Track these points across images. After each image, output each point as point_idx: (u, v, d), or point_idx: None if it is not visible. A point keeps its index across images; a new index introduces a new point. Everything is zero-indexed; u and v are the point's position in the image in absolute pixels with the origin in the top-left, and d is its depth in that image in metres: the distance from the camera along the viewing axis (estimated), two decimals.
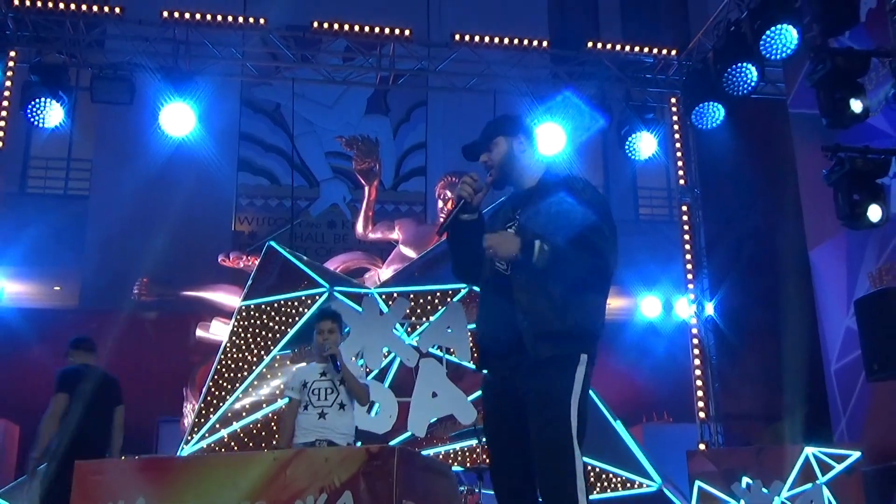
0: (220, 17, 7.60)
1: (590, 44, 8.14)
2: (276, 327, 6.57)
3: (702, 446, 7.54)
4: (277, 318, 6.60)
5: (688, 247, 8.32)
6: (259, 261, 7.04)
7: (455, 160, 8.82)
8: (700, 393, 7.86)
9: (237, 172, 10.04)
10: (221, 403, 6.30)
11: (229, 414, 6.27)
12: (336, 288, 6.67)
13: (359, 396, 3.74)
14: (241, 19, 7.73)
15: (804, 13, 6.32)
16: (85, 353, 4.86)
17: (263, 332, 6.56)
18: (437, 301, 6.73)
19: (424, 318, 6.63)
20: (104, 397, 4.67)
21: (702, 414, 7.81)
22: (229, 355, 6.48)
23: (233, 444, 6.18)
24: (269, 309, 6.64)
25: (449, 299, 6.72)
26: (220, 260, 8.62)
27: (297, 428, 3.65)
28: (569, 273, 2.40)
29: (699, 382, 7.90)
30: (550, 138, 7.62)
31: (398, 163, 10.45)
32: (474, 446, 5.84)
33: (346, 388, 3.71)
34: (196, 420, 6.31)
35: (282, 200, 10.00)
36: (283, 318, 6.59)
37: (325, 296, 6.59)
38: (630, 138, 7.90)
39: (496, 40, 7.98)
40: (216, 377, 6.41)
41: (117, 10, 7.48)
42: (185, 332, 8.23)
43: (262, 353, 6.47)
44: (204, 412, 6.30)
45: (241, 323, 6.60)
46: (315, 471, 2.80)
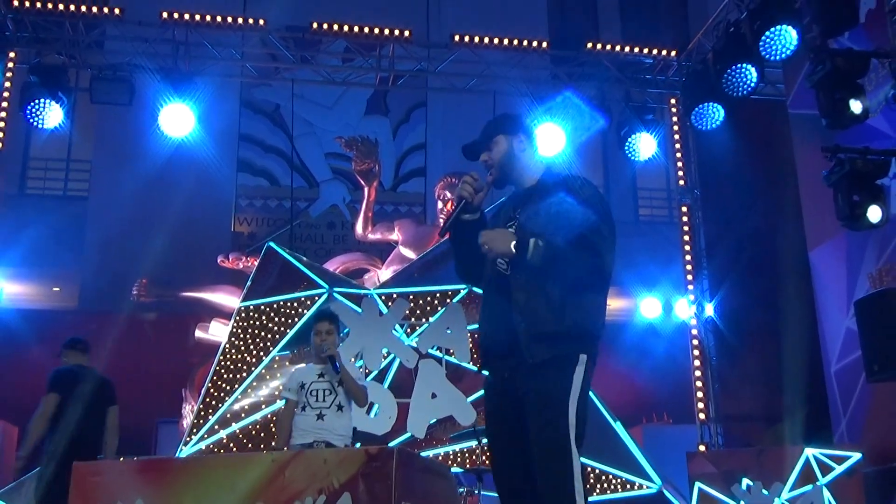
0: (219, 18, 7.60)
1: (589, 44, 8.14)
2: (276, 328, 6.57)
3: (702, 448, 7.53)
4: (277, 319, 6.60)
5: (688, 248, 8.31)
6: (258, 262, 7.04)
7: (455, 161, 8.85)
8: (700, 394, 7.86)
9: (237, 173, 10.03)
10: (220, 405, 6.29)
11: (228, 415, 6.26)
12: (335, 289, 6.66)
13: (357, 398, 3.74)
14: (240, 20, 7.73)
15: (804, 14, 6.33)
16: (78, 353, 4.89)
17: (263, 333, 6.55)
18: (436, 302, 6.73)
19: (424, 319, 6.63)
20: (97, 398, 4.68)
21: (702, 415, 7.80)
22: (228, 356, 6.47)
23: (231, 446, 6.17)
24: (268, 310, 6.64)
25: (448, 300, 6.71)
26: (219, 261, 8.61)
27: (295, 429, 3.64)
28: (567, 273, 2.40)
29: (699, 383, 7.89)
30: (550, 139, 7.62)
31: (398, 164, 10.44)
32: (474, 447, 5.83)
33: (345, 389, 3.71)
34: (195, 421, 6.30)
35: (281, 201, 9.99)
36: (283, 319, 6.59)
37: (325, 297, 6.58)
38: (630, 139, 7.89)
39: (496, 41, 7.98)
40: (215, 378, 6.40)
41: (117, 10, 7.48)
42: (185, 333, 8.21)
43: (262, 354, 6.47)
44: (203, 413, 6.28)
45: (241, 324, 6.59)
46: (313, 472, 2.79)
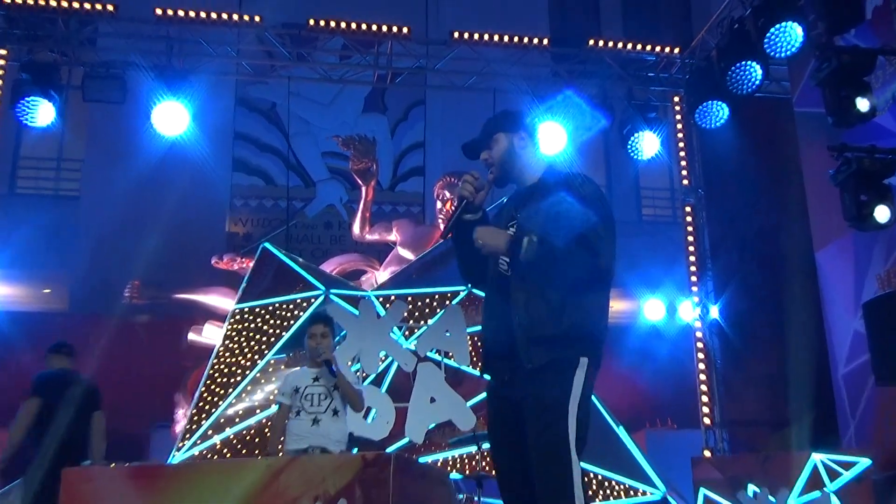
0: (214, 15, 7.59)
1: (591, 42, 8.13)
2: (271, 331, 6.55)
3: (706, 453, 7.53)
4: (272, 322, 6.58)
5: (692, 248, 8.31)
6: (253, 263, 7.02)
7: (454, 160, 8.84)
8: (704, 398, 7.85)
9: (231, 172, 10.03)
10: (214, 409, 6.27)
11: (222, 420, 6.24)
12: (332, 290, 6.65)
13: (353, 402, 3.72)
14: (235, 17, 7.72)
15: (809, 10, 6.32)
16: (63, 357, 4.95)
17: (257, 336, 6.54)
18: (435, 304, 6.71)
19: (422, 322, 6.62)
20: (81, 402, 4.71)
21: (706, 420, 7.80)
22: (222, 360, 6.45)
23: (225, 451, 6.15)
24: (263, 312, 6.62)
25: (448, 302, 6.70)
26: (213, 262, 8.60)
27: (289, 435, 3.62)
28: (566, 273, 2.39)
29: (704, 387, 7.89)
30: (552, 137, 7.61)
31: (396, 163, 10.44)
32: (473, 453, 5.81)
33: (341, 393, 3.69)
34: (188, 426, 6.27)
35: (277, 201, 9.98)
36: (278, 322, 6.57)
37: (321, 299, 6.57)
38: (632, 138, 7.89)
39: (496, 38, 7.97)
40: (209, 382, 6.38)
41: (110, 7, 7.46)
42: (178, 336, 8.19)
43: (256, 357, 6.45)
44: (196, 418, 6.26)
45: (235, 326, 6.58)
46: (309, 478, 2.79)
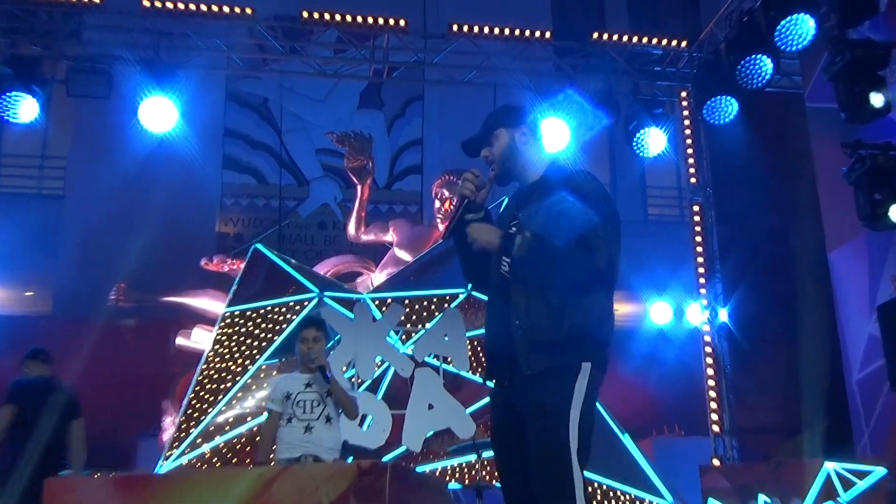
0: (203, 7, 7.59)
1: (595, 35, 8.14)
2: (263, 335, 6.55)
3: (715, 461, 7.53)
4: (264, 326, 6.58)
5: (700, 249, 8.31)
6: (244, 264, 7.02)
7: (453, 157, 8.82)
8: (713, 404, 7.85)
9: (222, 171, 10.02)
10: (203, 416, 6.26)
11: (212, 428, 6.23)
12: (326, 293, 6.65)
13: (347, 409, 3.71)
14: (226, 9, 7.72)
15: (821, 2, 6.34)
16: (40, 364, 5.02)
17: (249, 341, 6.53)
18: (433, 307, 6.72)
19: (420, 326, 6.62)
20: (59, 410, 4.74)
21: (715, 427, 7.80)
22: (212, 365, 6.45)
23: (215, 460, 6.14)
24: (254, 315, 6.62)
25: (446, 305, 6.71)
26: (202, 263, 8.59)
27: (280, 443, 3.61)
28: (567, 275, 2.38)
29: (712, 393, 7.89)
30: (554, 134, 7.61)
31: (393, 160, 10.45)
32: (473, 462, 5.81)
33: (334, 400, 3.68)
34: (176, 434, 6.26)
35: (269, 200, 9.98)
36: (270, 326, 6.57)
37: (315, 301, 6.58)
38: (638, 134, 7.90)
39: (496, 31, 7.98)
40: (198, 388, 6.37)
41: None
42: (165, 341, 8.18)
43: (247, 362, 6.45)
44: (184, 426, 6.25)
45: (225, 330, 6.58)
46: (301, 488, 2.79)
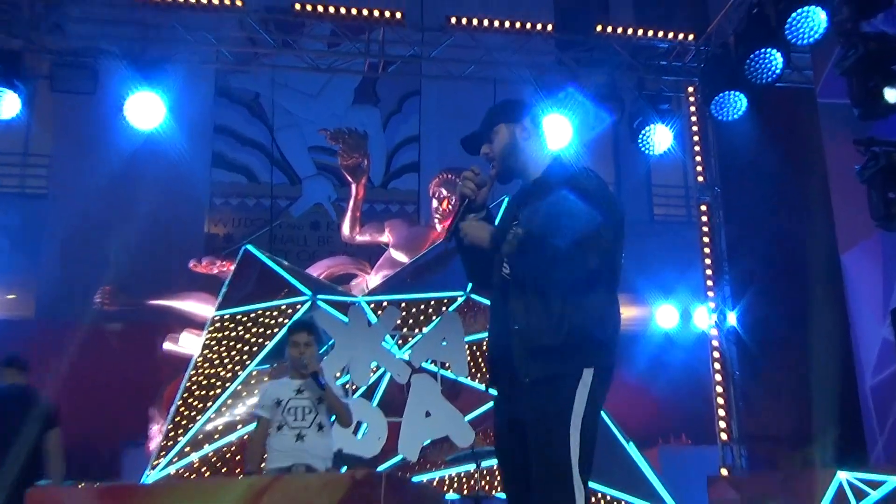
0: None
1: (599, 28, 8.13)
2: (253, 340, 6.54)
3: (724, 471, 7.53)
4: (254, 330, 6.58)
5: (707, 250, 8.31)
6: (234, 266, 7.03)
7: (451, 155, 8.82)
8: (721, 412, 7.84)
9: (211, 169, 10.03)
10: (192, 424, 6.26)
11: (200, 436, 6.22)
12: (320, 296, 6.65)
13: (341, 417, 3.70)
14: (215, 1, 7.71)
15: None
16: (15, 372, 5.02)
17: (239, 346, 6.53)
18: (430, 310, 6.71)
19: (417, 330, 6.62)
20: (35, 420, 4.76)
21: (723, 435, 7.79)
22: (201, 371, 6.44)
23: (204, 470, 6.13)
24: (245, 319, 6.62)
25: (444, 308, 6.71)
26: (191, 265, 8.58)
27: (271, 451, 3.60)
28: (566, 276, 2.37)
29: (720, 400, 7.88)
30: (557, 131, 7.61)
31: (389, 158, 10.45)
32: (472, 472, 5.81)
33: (326, 407, 3.67)
34: (163, 443, 6.25)
35: (260, 199, 9.98)
36: (261, 330, 6.57)
37: (308, 305, 6.58)
38: (643, 131, 7.90)
39: (496, 24, 7.97)
40: (186, 395, 6.37)
41: None
42: (153, 346, 8.17)
43: (238, 368, 6.44)
44: (172, 434, 6.25)
45: (215, 335, 6.58)
46: (293, 498, 2.78)
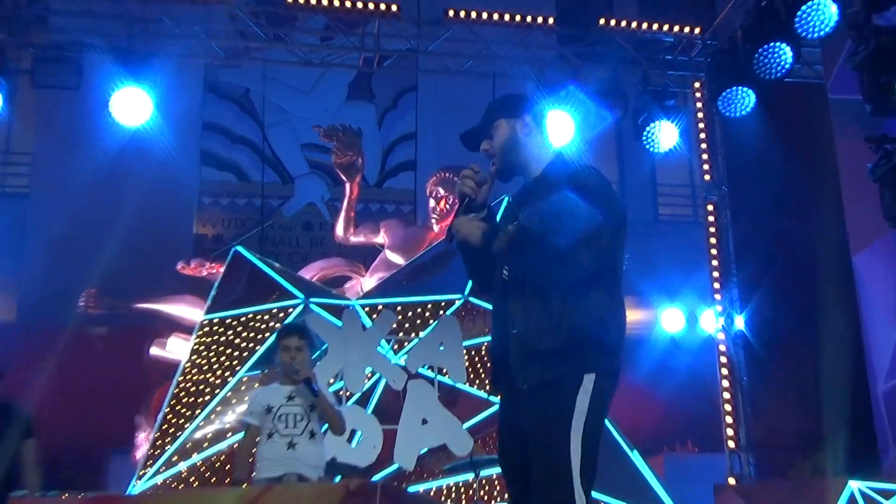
0: None
1: (602, 21, 8.13)
2: (244, 344, 6.56)
3: (731, 480, 7.53)
4: (245, 334, 6.59)
5: (714, 251, 8.31)
6: (224, 268, 7.04)
7: (449, 153, 8.82)
8: (729, 418, 7.84)
9: (200, 167, 10.02)
10: (180, 432, 6.27)
11: (189, 444, 6.23)
12: (312, 299, 6.66)
13: (333, 424, 3.70)
14: None
15: None
16: None
17: (229, 350, 6.54)
18: (427, 314, 6.72)
19: (413, 334, 6.63)
20: (9, 430, 4.76)
21: (731, 442, 7.79)
22: (189, 377, 6.46)
23: (193, 480, 6.14)
24: (235, 323, 6.63)
25: (441, 312, 6.71)
26: (179, 267, 8.57)
27: (261, 460, 3.60)
28: (564, 278, 2.36)
29: (728, 406, 7.88)
30: (558, 128, 7.61)
31: (384, 156, 10.44)
32: (470, 481, 5.81)
33: (319, 413, 3.66)
34: (150, 451, 6.26)
35: (251, 199, 9.97)
36: (252, 335, 6.58)
37: (300, 308, 6.59)
38: (648, 128, 7.91)
39: (495, 17, 7.97)
40: (174, 402, 6.38)
41: None
42: (139, 351, 8.16)
43: (227, 374, 6.46)
44: (159, 442, 6.26)
45: (203, 339, 6.59)
46: None
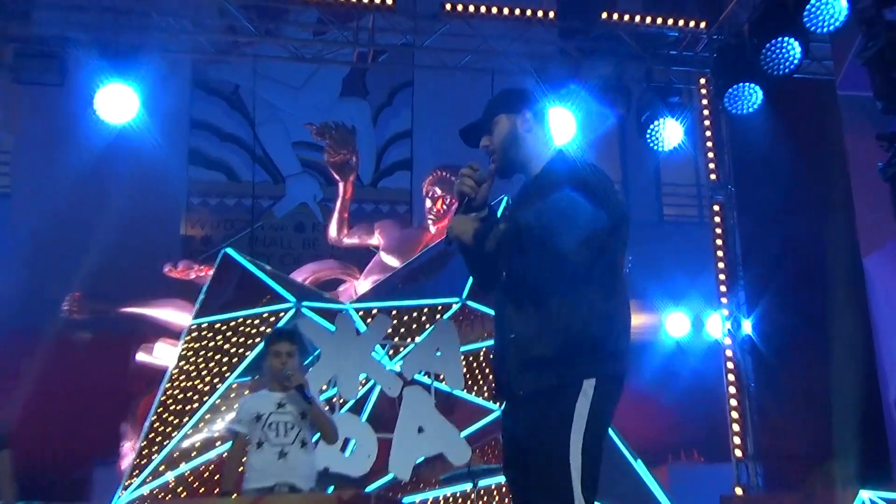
0: None
1: (604, 15, 8.14)
2: (233, 350, 6.57)
3: (738, 491, 7.54)
4: (234, 340, 6.60)
5: (720, 253, 8.33)
6: (213, 271, 7.06)
7: (446, 151, 8.82)
8: (736, 427, 7.85)
9: (188, 166, 9.99)
10: (167, 441, 6.27)
11: (176, 454, 6.23)
12: (304, 303, 6.67)
13: (326, 433, 3.70)
14: None
15: None
16: None
17: (218, 356, 6.55)
18: (423, 318, 6.74)
19: (409, 339, 6.64)
20: None
21: (738, 452, 7.80)
22: (177, 383, 6.46)
23: (180, 490, 6.14)
24: (224, 328, 6.65)
25: (438, 316, 6.73)
26: (166, 270, 8.58)
27: (251, 470, 3.60)
28: (559, 278, 2.36)
29: (735, 414, 7.89)
30: (560, 125, 7.62)
31: (379, 154, 10.44)
32: (468, 491, 5.80)
33: (310, 422, 3.66)
34: (136, 461, 6.26)
35: (240, 199, 9.96)
36: (242, 340, 6.60)
37: (292, 312, 6.60)
38: (652, 126, 7.92)
39: (494, 11, 7.99)
40: (161, 410, 6.38)
41: None
42: (125, 356, 8.17)
43: (216, 380, 6.46)
44: (146, 452, 6.26)
45: (192, 345, 6.60)
46: None
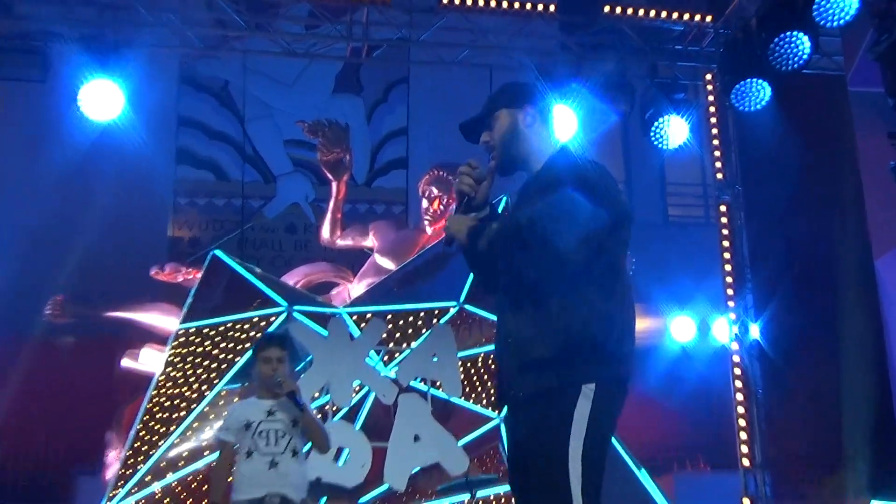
0: None
1: (607, 9, 8.14)
2: (222, 356, 6.57)
3: (746, 501, 7.54)
4: (223, 345, 6.61)
5: (727, 255, 8.33)
6: (201, 274, 7.06)
7: (443, 149, 8.84)
8: (743, 434, 7.85)
9: (175, 165, 10.01)
10: (153, 450, 6.27)
11: (163, 463, 6.23)
12: (296, 307, 6.67)
13: (318, 442, 3.70)
14: None
15: None
16: None
17: (206, 362, 6.55)
18: (420, 323, 6.74)
19: (405, 344, 6.64)
20: None
21: (745, 460, 7.80)
22: (163, 390, 6.46)
23: (167, 501, 6.15)
24: (213, 333, 6.65)
25: (435, 320, 6.73)
26: (153, 273, 8.59)
27: (240, 480, 3.61)
28: (557, 279, 2.35)
29: (742, 422, 7.89)
30: (561, 122, 7.63)
31: (373, 153, 10.46)
32: (466, 502, 5.80)
33: (302, 430, 3.66)
34: (121, 471, 6.26)
35: (230, 199, 9.97)
36: (231, 345, 6.60)
37: (283, 317, 6.60)
38: (656, 123, 7.92)
39: (492, 4, 7.98)
40: (147, 417, 6.38)
41: None
42: (110, 362, 8.17)
43: (204, 387, 6.46)
44: (131, 461, 6.25)
45: (179, 350, 6.60)
46: None
